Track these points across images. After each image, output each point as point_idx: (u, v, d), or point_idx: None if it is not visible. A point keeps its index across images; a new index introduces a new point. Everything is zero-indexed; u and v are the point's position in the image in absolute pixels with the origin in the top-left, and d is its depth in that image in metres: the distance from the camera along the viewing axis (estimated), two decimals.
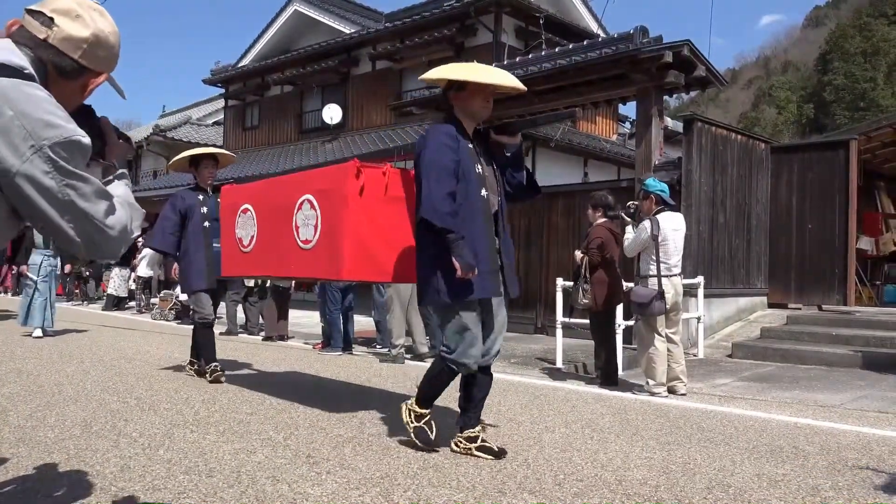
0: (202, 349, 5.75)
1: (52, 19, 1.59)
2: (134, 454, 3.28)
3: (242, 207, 4.98)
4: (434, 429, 3.50)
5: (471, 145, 3.43)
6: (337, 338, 7.98)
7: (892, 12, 38.55)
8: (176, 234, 5.66)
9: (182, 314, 12.17)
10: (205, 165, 5.82)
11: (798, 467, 3.36)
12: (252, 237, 4.86)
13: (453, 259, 3.15)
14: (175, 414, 4.25)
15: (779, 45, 55.56)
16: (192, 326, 6.10)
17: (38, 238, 8.51)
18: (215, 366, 5.59)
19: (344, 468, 3.14)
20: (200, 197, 5.76)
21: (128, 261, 15.39)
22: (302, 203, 4.23)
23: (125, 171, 1.83)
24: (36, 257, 8.70)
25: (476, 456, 3.36)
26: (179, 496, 2.70)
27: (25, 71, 1.48)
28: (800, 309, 9.77)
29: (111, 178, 1.76)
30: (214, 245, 5.55)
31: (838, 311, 9.23)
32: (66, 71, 1.62)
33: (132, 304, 15.53)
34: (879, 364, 6.88)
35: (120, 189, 1.72)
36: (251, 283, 9.85)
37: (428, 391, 3.58)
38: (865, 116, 28.35)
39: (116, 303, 15.35)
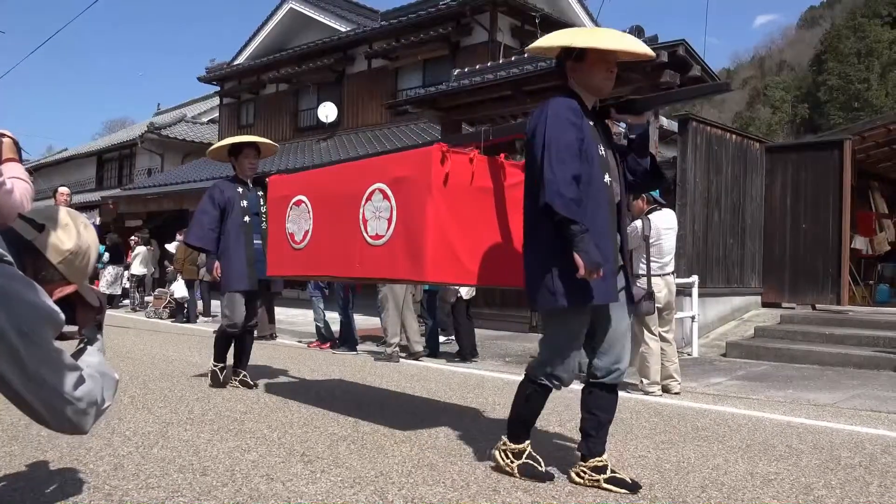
0: (216, 348, 5.38)
1: (43, 225, 1.68)
2: (127, 452, 3.28)
3: (295, 199, 4.47)
4: (540, 460, 3.01)
5: (592, 123, 2.93)
6: (349, 336, 8.01)
7: (887, 13, 38.67)
8: (216, 229, 5.17)
9: (176, 312, 12.15)
10: (245, 155, 5.31)
11: (791, 466, 3.37)
12: (306, 232, 4.34)
13: (576, 256, 2.65)
14: (169, 412, 4.24)
15: (774, 46, 55.68)
16: (185, 324, 6.04)
17: None
18: (221, 366, 5.32)
19: (338, 466, 3.14)
20: (240, 189, 5.27)
21: (121, 258, 15.36)
22: (372, 193, 3.75)
23: (99, 337, 1.86)
24: None
25: (606, 489, 2.88)
26: (173, 494, 2.69)
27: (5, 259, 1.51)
28: (794, 308, 9.80)
29: (83, 346, 1.79)
30: (255, 242, 5.17)
31: (832, 311, 9.27)
32: (41, 276, 1.67)
33: (126, 301, 15.50)
34: (872, 363, 6.91)
35: (94, 358, 1.75)
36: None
37: (519, 420, 3.08)
38: (859, 117, 28.46)
39: (110, 300, 15.31)
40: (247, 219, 5.19)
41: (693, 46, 8.17)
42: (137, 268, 14.89)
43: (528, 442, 3.05)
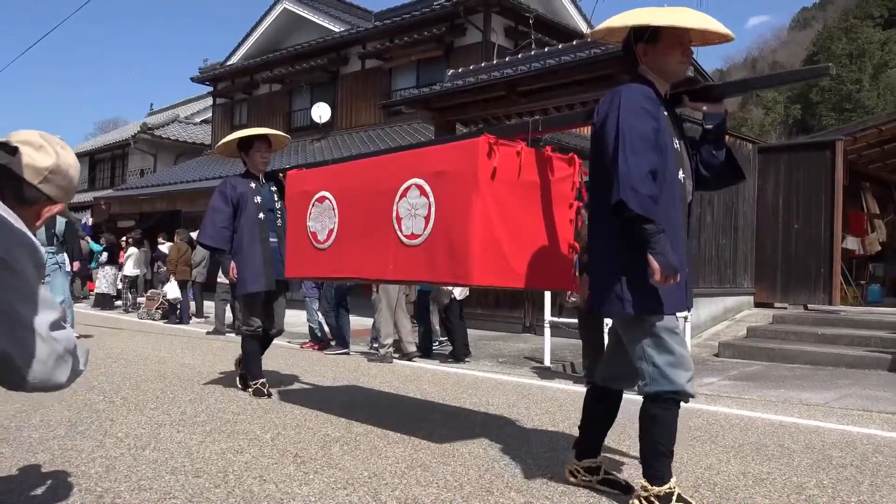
0: (246, 362, 5.08)
1: (16, 148, 1.67)
2: (119, 454, 3.26)
3: (318, 195, 4.15)
4: (692, 502, 2.54)
5: (666, 113, 2.65)
6: (341, 337, 7.98)
7: (879, 15, 38.88)
8: (230, 227, 4.87)
9: (169, 313, 12.11)
10: (257, 149, 5.02)
11: (783, 465, 3.38)
12: (331, 231, 4.03)
13: (650, 259, 2.39)
14: (161, 414, 4.23)
15: (766, 47, 55.88)
16: (178, 325, 5.98)
17: (41, 233, 8.11)
18: (262, 382, 4.94)
19: (331, 467, 3.13)
20: (253, 185, 4.99)
21: (114, 259, 15.31)
22: (408, 189, 3.48)
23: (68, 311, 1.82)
24: None
25: (599, 490, 2.84)
26: (165, 496, 2.68)
27: None
28: (786, 308, 9.85)
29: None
30: (272, 240, 4.91)
31: (824, 311, 9.31)
32: (24, 197, 1.68)
33: (118, 303, 15.44)
34: (864, 363, 6.95)
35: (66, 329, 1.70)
36: None
37: (651, 453, 2.61)
38: (851, 118, 28.59)
39: (105, 301, 15.25)
40: (261, 215, 4.92)
41: None
42: (130, 269, 14.84)
43: (673, 481, 2.56)
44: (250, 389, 4.94)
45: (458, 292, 7.54)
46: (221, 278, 10.02)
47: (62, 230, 8.09)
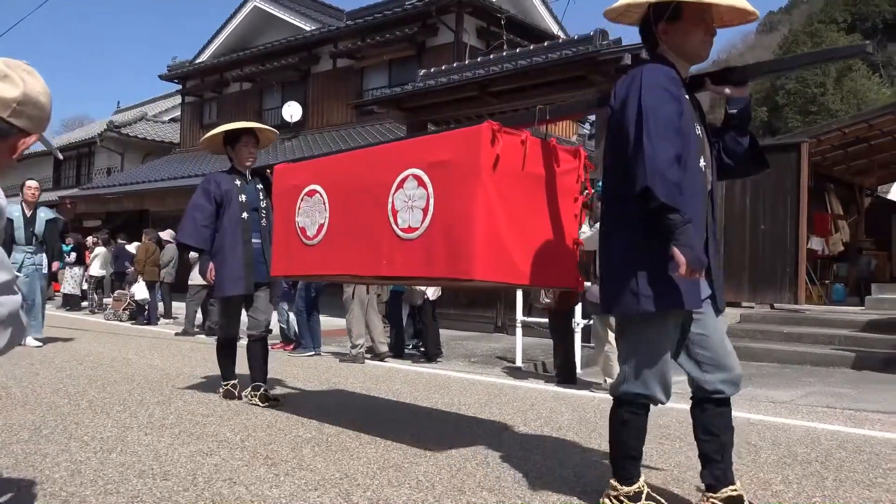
0: (219, 364, 4.94)
1: None
2: (85, 458, 3.20)
3: (307, 189, 3.96)
4: (662, 501, 2.55)
5: (687, 96, 2.49)
6: (308, 339, 7.91)
7: (842, 19, 39.67)
8: (210, 226, 4.63)
9: (136, 314, 11.93)
10: (244, 143, 4.76)
11: (750, 462, 3.43)
12: (321, 226, 3.83)
13: (675, 251, 2.23)
14: (129, 416, 4.16)
15: (734, 49, 56.70)
16: (146, 326, 5.85)
17: (20, 232, 7.61)
18: (233, 383, 4.85)
19: (302, 469, 3.11)
20: (238, 182, 4.73)
21: (81, 260, 15.04)
22: (404, 180, 3.30)
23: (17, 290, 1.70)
24: (17, 255, 7.53)
25: None
26: (133, 500, 2.64)
27: None
28: (752, 308, 10.00)
29: None
30: (255, 241, 4.67)
31: (789, 310, 9.48)
32: None
33: (85, 304, 15.18)
34: (828, 361, 7.09)
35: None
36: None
37: (621, 455, 2.58)
38: (816, 120, 29.16)
39: (73, 302, 14.97)
40: (245, 215, 4.66)
41: None
42: (96, 269, 14.59)
43: (642, 480, 2.55)
44: (220, 391, 4.86)
45: (431, 292, 7.54)
46: (193, 279, 9.90)
47: (42, 230, 7.72)
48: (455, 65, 11.19)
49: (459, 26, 15.24)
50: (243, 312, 4.86)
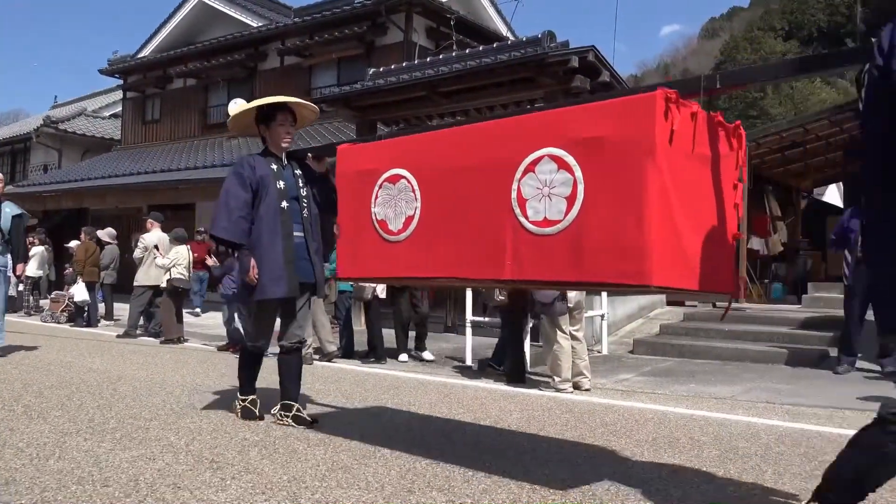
0: (239, 375, 4.36)
1: None
2: (21, 465, 3.08)
3: (388, 174, 3.39)
4: None
5: None
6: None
7: (780, 27, 40.98)
8: (248, 217, 3.96)
9: (75, 316, 11.55)
10: (280, 122, 4.11)
11: (694, 457, 3.51)
12: (409, 218, 3.27)
13: None
14: (67, 422, 4.02)
15: (678, 54, 58.09)
16: (86, 329, 5.54)
17: None
18: (251, 399, 4.26)
19: (249, 472, 3.06)
20: (274, 167, 4.07)
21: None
22: (535, 162, 2.78)
23: None
24: None
25: None
26: None
27: None
28: (696, 306, 10.25)
29: None
30: (296, 234, 4.02)
31: (731, 308, 9.74)
32: None
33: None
34: (767, 357, 7.31)
35: None
36: (163, 281, 9.26)
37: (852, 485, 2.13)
38: (756, 124, 30.02)
39: (14, 304, 14.38)
40: (284, 204, 4.00)
41: (603, 53, 8.42)
42: (33, 270, 14.06)
43: None
44: (237, 408, 4.24)
45: (381, 290, 7.48)
46: (138, 280, 9.63)
47: (7, 226, 6.91)
48: (405, 64, 11.16)
49: (409, 26, 15.21)
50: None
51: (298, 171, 4.17)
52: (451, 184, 3.11)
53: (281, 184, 4.03)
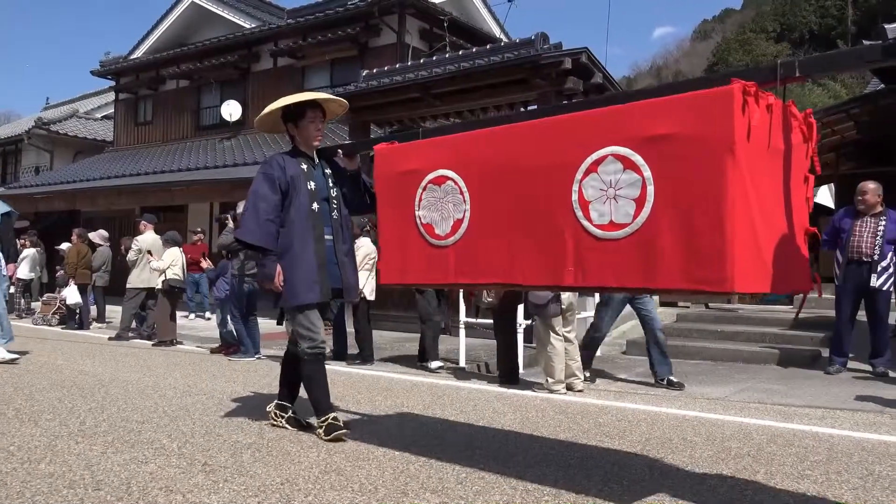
0: (311, 390, 3.94)
1: None
2: (11, 469, 3.07)
3: (433, 176, 3.24)
4: None
5: None
6: (248, 343, 7.75)
7: (772, 29, 41.16)
8: (277, 220, 3.79)
9: (67, 318, 11.50)
10: (310, 119, 3.95)
11: (686, 458, 3.52)
12: (458, 222, 3.14)
13: None
14: (58, 425, 4.01)
15: (670, 56, 58.24)
16: (78, 331, 5.51)
17: None
18: (333, 416, 3.82)
19: (242, 475, 3.05)
20: (304, 166, 3.91)
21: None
22: (598, 162, 2.64)
23: None
24: None
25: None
26: None
27: None
28: (688, 307, 10.28)
29: None
30: (326, 237, 3.87)
31: (724, 309, 9.78)
32: None
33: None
34: (759, 358, 7.34)
35: None
36: (158, 283, 9.17)
37: None
38: None
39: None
40: (315, 206, 3.85)
41: (595, 55, 8.44)
42: (24, 272, 14.00)
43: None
44: (321, 429, 3.79)
45: (368, 292, 7.47)
46: (131, 282, 9.59)
47: None
48: (398, 66, 11.17)
49: (402, 27, 15.22)
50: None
51: (328, 171, 4.02)
52: (504, 185, 2.98)
53: (311, 185, 3.88)
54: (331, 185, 3.99)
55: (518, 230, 2.91)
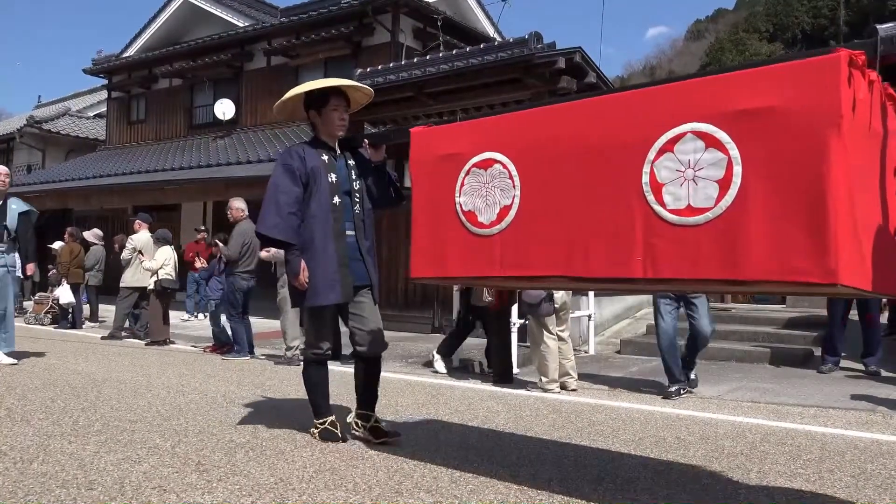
0: (310, 393, 3.87)
1: None
2: (3, 469, 3.05)
3: (478, 159, 2.96)
4: None
5: None
6: (243, 342, 7.72)
7: (765, 29, 41.31)
8: (298, 213, 3.57)
9: (59, 318, 11.45)
10: (333, 107, 3.71)
11: (680, 456, 3.53)
12: (506, 209, 2.84)
13: None
14: (51, 424, 3.99)
15: (664, 56, 58.43)
16: (70, 330, 5.47)
17: None
18: (331, 421, 3.77)
19: (236, 475, 3.04)
20: (325, 157, 3.68)
21: None
22: (675, 140, 2.36)
23: None
24: None
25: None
26: None
27: None
28: None
29: None
30: (348, 233, 3.65)
31: (716, 308, 9.80)
32: None
33: None
34: (752, 357, 7.36)
35: None
36: (150, 283, 9.12)
37: None
38: None
39: None
40: (337, 199, 3.63)
41: (589, 55, 8.45)
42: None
43: None
44: (315, 431, 3.78)
45: None
46: (125, 281, 9.55)
47: (14, 224, 6.62)
48: (392, 65, 11.15)
49: (396, 26, 15.19)
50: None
51: (351, 162, 3.79)
52: (561, 168, 2.67)
53: (333, 177, 3.65)
54: (354, 176, 3.76)
55: (577, 217, 2.61)
